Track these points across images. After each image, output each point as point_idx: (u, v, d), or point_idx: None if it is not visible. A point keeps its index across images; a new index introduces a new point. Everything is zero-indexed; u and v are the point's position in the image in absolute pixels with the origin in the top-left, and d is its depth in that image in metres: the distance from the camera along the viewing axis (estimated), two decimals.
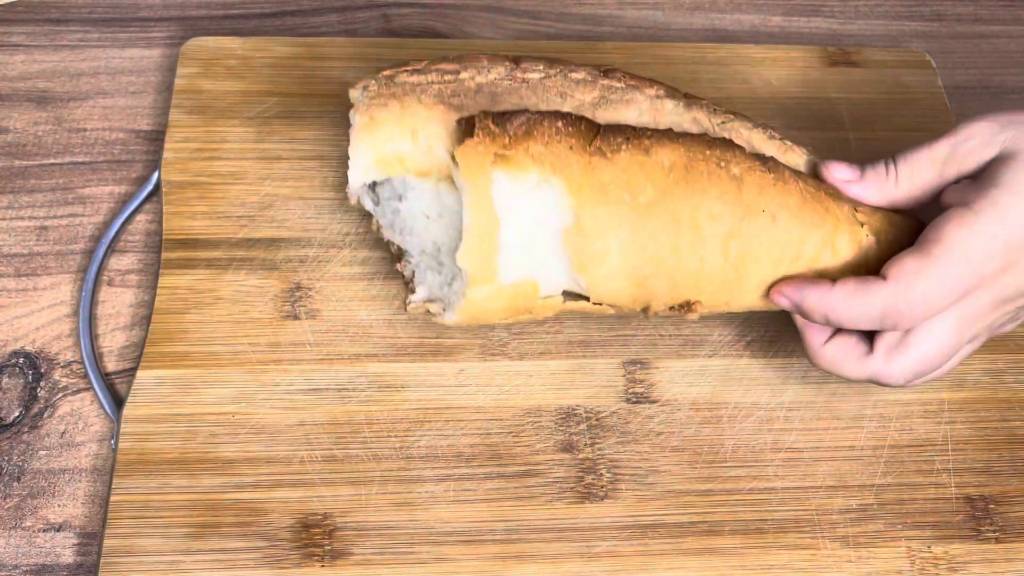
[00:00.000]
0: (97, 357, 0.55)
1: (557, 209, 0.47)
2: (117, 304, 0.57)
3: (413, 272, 0.53)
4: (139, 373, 0.53)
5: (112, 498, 0.49)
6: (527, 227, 0.47)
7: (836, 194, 0.51)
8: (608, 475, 0.52)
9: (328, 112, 0.63)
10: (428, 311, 0.51)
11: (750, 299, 0.51)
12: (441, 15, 0.72)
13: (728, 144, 0.49)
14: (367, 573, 0.48)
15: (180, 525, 0.49)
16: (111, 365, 0.55)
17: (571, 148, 0.46)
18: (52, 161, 0.62)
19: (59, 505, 0.51)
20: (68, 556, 0.50)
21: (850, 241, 0.50)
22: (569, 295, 0.50)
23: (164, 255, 0.56)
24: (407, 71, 0.51)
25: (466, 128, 0.47)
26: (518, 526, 0.50)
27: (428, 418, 0.53)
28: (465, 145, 0.46)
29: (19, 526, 0.50)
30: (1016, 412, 0.56)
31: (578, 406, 0.54)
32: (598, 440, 0.53)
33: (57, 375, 0.54)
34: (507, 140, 0.46)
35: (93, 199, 0.61)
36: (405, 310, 0.53)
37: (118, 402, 0.53)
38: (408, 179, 0.50)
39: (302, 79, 0.64)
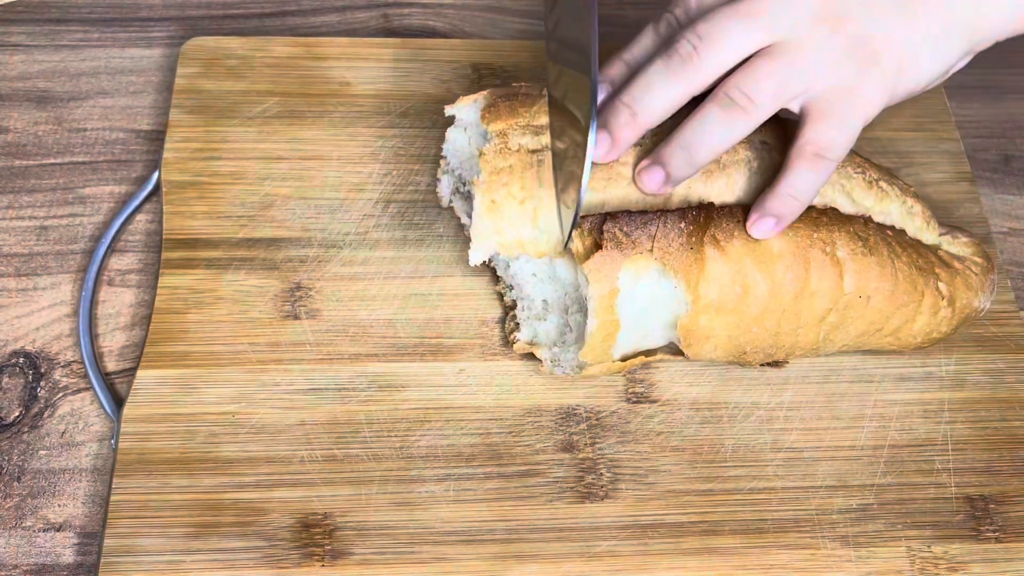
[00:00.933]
0: (97, 357, 0.55)
1: (675, 301, 0.50)
2: (117, 304, 0.57)
3: (516, 308, 0.55)
4: (139, 373, 0.53)
5: (112, 498, 0.49)
6: (644, 315, 0.50)
7: (925, 266, 0.53)
8: (608, 475, 0.52)
9: (328, 112, 0.63)
10: (532, 353, 0.54)
11: (831, 352, 0.55)
12: (441, 15, 0.72)
13: (835, 221, 0.51)
14: (367, 573, 0.48)
15: (180, 525, 0.49)
16: (111, 365, 0.55)
17: (690, 245, 0.49)
18: (52, 161, 0.62)
19: (59, 505, 0.51)
20: (68, 556, 0.50)
21: (930, 311, 0.53)
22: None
23: (164, 255, 0.56)
24: (520, 128, 0.51)
25: (592, 230, 0.48)
26: (518, 526, 0.50)
27: (428, 418, 0.53)
28: (593, 260, 0.48)
29: (19, 526, 0.50)
30: (1016, 412, 0.56)
31: (578, 406, 0.54)
32: (598, 440, 0.53)
33: (57, 375, 0.54)
34: (632, 245, 0.48)
35: (93, 199, 0.61)
36: (508, 343, 0.55)
37: (118, 402, 0.53)
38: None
39: (302, 79, 0.64)
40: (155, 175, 0.60)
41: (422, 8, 0.72)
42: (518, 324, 0.55)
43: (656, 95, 0.47)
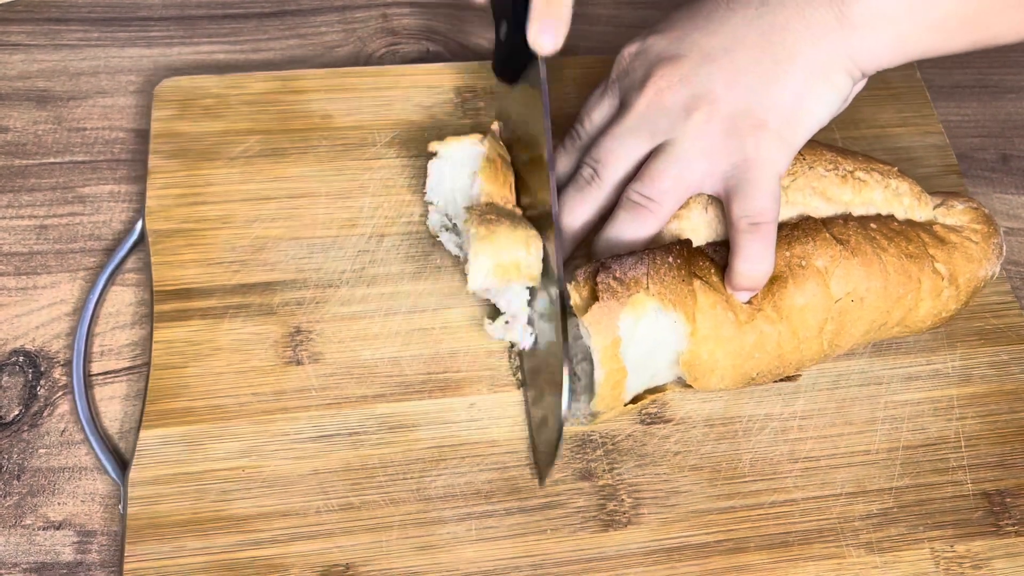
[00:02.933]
0: (95, 415, 0.53)
1: (675, 335, 0.49)
2: (117, 303, 0.56)
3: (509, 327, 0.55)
4: (142, 433, 0.51)
5: (125, 567, 0.48)
6: (649, 357, 0.50)
7: (917, 252, 0.53)
8: (629, 500, 0.51)
9: (312, 147, 0.61)
10: None
11: (843, 353, 0.55)
12: (441, 15, 0.71)
13: (808, 232, 0.51)
14: None
15: None
16: (111, 364, 0.54)
17: (681, 278, 0.49)
18: (52, 160, 0.61)
19: (59, 503, 0.50)
20: (68, 554, 0.49)
21: (932, 294, 0.53)
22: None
23: (156, 308, 0.55)
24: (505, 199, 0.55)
25: (587, 281, 0.49)
26: (544, 560, 0.49)
27: (443, 456, 0.52)
28: (591, 312, 0.48)
29: (19, 524, 0.50)
30: None
31: (593, 432, 0.53)
32: (616, 465, 0.52)
33: (57, 374, 0.54)
34: (628, 289, 0.48)
35: (93, 198, 0.60)
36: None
37: (123, 465, 0.51)
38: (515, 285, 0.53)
39: (282, 114, 0.63)
40: (139, 224, 0.58)
41: (421, 8, 0.71)
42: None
43: (576, 216, 0.53)
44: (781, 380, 0.54)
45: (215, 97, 0.63)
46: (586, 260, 0.52)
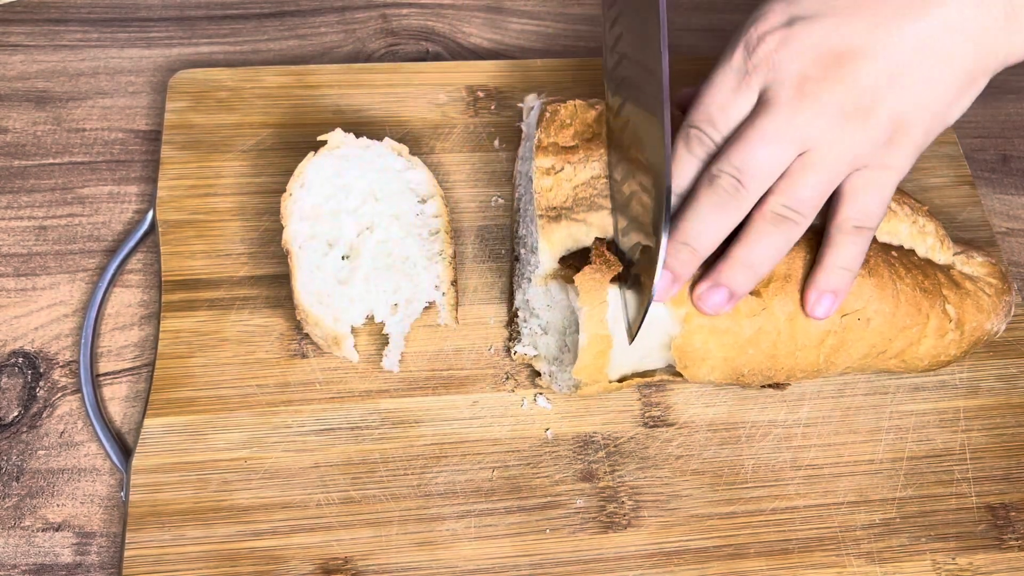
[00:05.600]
0: (102, 407, 0.53)
1: (668, 315, 0.49)
2: (117, 304, 0.56)
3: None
4: (146, 422, 0.51)
5: (126, 553, 0.48)
6: (639, 335, 0.48)
7: (931, 288, 0.52)
8: (630, 502, 0.51)
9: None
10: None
11: (835, 375, 0.54)
12: (440, 15, 0.71)
13: None
14: None
15: None
16: (110, 365, 0.54)
17: None
18: (51, 161, 0.61)
19: (58, 505, 0.50)
20: (67, 556, 0.49)
21: (936, 333, 0.52)
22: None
23: (164, 298, 0.55)
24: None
25: (579, 255, 0.49)
26: (543, 560, 0.49)
27: (444, 453, 0.52)
28: (582, 274, 0.48)
29: (18, 526, 0.50)
30: None
31: (595, 433, 0.53)
32: (617, 467, 0.52)
33: (56, 375, 0.54)
34: (619, 266, 0.48)
35: (92, 199, 0.60)
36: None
37: (126, 452, 0.52)
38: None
39: (295, 108, 0.63)
40: (150, 214, 0.59)
41: (420, 8, 0.71)
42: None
43: (711, 229, 0.47)
44: (769, 386, 0.54)
45: (229, 90, 0.63)
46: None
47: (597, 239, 0.50)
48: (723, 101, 0.48)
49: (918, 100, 0.47)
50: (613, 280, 0.48)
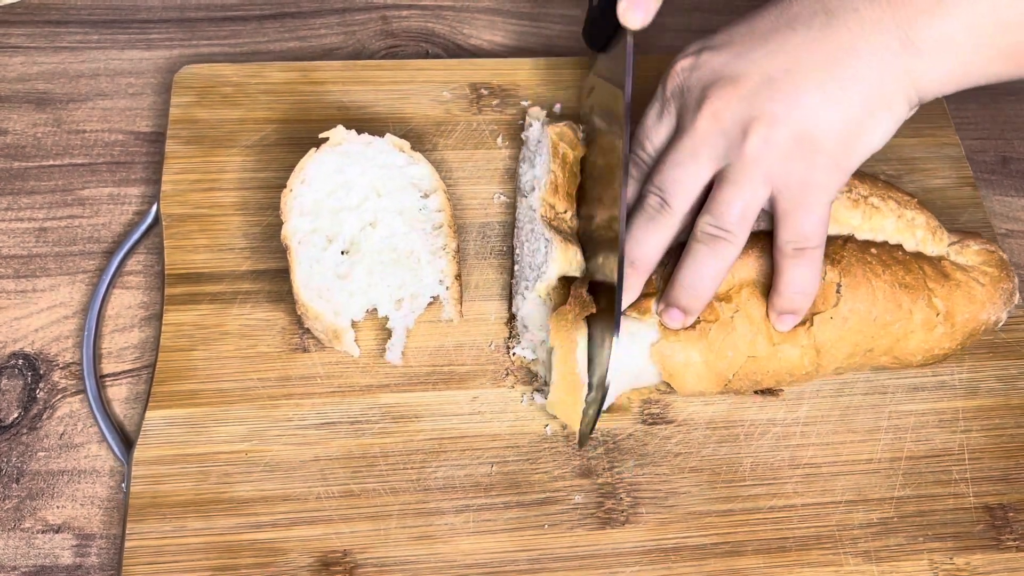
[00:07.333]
0: (104, 401, 0.54)
1: (646, 330, 0.51)
2: (116, 306, 0.56)
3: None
4: (148, 414, 0.52)
5: (127, 544, 0.48)
6: (623, 352, 0.50)
7: (914, 283, 0.52)
8: (628, 499, 0.51)
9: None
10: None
11: (828, 375, 0.55)
12: (440, 17, 0.71)
13: None
14: None
15: (197, 569, 0.48)
16: (110, 367, 0.55)
17: (659, 275, 0.51)
18: (51, 163, 0.61)
19: (58, 506, 0.50)
20: (67, 557, 0.49)
21: (924, 328, 0.52)
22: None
23: (167, 291, 0.55)
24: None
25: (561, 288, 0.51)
26: (540, 555, 0.49)
27: (444, 448, 0.52)
28: (558, 312, 0.50)
29: (18, 527, 0.50)
30: None
31: (595, 429, 0.53)
32: (616, 464, 0.52)
33: (56, 377, 0.54)
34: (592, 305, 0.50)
35: (92, 200, 0.60)
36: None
37: (128, 444, 0.52)
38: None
39: (299, 104, 0.63)
40: (154, 208, 0.59)
41: (420, 10, 0.72)
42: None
43: (647, 246, 0.51)
44: (761, 393, 0.54)
45: (233, 85, 0.63)
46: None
47: (579, 279, 0.51)
48: (648, 127, 0.53)
49: (819, 117, 0.48)
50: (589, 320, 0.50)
